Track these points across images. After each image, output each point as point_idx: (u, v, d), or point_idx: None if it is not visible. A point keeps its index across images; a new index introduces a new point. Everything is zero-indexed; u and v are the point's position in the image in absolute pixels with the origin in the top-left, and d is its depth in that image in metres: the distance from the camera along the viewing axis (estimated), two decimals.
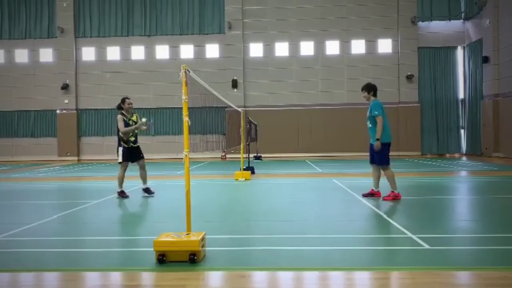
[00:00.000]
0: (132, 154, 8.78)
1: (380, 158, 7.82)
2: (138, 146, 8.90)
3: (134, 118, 8.92)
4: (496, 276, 3.69)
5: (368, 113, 7.87)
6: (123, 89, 25.60)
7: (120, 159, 8.68)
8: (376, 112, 7.69)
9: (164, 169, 16.14)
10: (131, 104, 8.93)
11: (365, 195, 8.19)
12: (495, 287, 3.48)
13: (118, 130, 8.68)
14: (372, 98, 7.97)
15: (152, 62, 25.84)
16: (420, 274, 3.76)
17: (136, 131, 8.83)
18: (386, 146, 7.78)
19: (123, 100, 8.92)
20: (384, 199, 7.80)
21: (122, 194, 8.77)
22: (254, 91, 25.28)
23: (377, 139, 7.66)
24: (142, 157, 8.93)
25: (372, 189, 8.18)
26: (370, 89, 8.01)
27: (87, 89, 26.02)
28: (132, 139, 8.77)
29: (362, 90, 8.10)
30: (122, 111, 8.79)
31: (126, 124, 8.68)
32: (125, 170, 8.81)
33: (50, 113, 26.18)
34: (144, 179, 8.97)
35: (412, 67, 24.60)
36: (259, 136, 21.92)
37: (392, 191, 7.82)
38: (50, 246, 5.14)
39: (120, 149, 8.68)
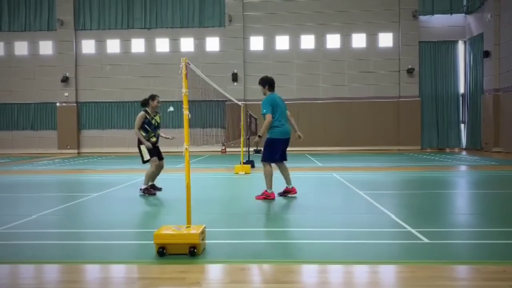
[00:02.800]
0: (157, 150, 8.32)
1: (263, 152, 7.50)
2: (158, 146, 8.45)
3: (157, 118, 8.38)
4: (495, 271, 3.70)
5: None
6: (123, 82, 25.60)
7: (146, 157, 8.17)
8: (265, 111, 7.26)
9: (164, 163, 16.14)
10: (160, 103, 8.31)
11: (280, 194, 7.74)
12: (494, 281, 3.49)
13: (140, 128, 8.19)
14: (268, 92, 7.49)
15: (152, 55, 25.77)
16: (419, 268, 3.77)
17: (155, 132, 8.33)
18: (274, 142, 7.41)
19: (153, 97, 8.24)
20: (256, 198, 7.50)
21: (148, 191, 8.21)
22: (254, 84, 24.98)
23: (259, 136, 7.36)
24: (163, 158, 8.49)
25: (286, 187, 7.73)
26: (265, 83, 7.47)
27: (87, 82, 25.98)
28: (154, 139, 8.29)
29: (259, 84, 7.63)
30: (147, 109, 8.23)
31: (148, 123, 8.17)
32: (156, 166, 8.26)
33: (50, 106, 26.16)
34: (154, 177, 8.56)
35: (413, 61, 24.54)
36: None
37: (266, 190, 7.47)
38: (50, 238, 5.16)
39: (143, 147, 8.15)
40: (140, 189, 8.34)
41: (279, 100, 7.52)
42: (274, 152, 7.46)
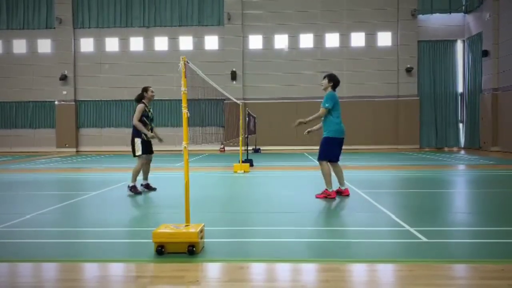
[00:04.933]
0: (148, 146, 8.31)
1: (319, 150, 7.61)
2: (150, 141, 8.42)
3: (151, 111, 8.44)
4: (492, 269, 3.71)
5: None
6: (122, 80, 25.56)
7: (139, 152, 8.13)
8: (327, 105, 7.40)
9: (163, 161, 16.14)
10: (154, 93, 8.40)
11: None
12: (492, 280, 3.50)
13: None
14: (330, 89, 7.64)
15: (151, 53, 25.73)
16: (417, 267, 3.78)
17: (151, 125, 8.34)
18: (331, 141, 7.52)
19: (146, 89, 8.33)
20: (316, 196, 7.52)
21: (134, 190, 8.15)
22: (253, 83, 25.21)
23: (301, 121, 7.63)
24: (152, 152, 8.49)
25: (339, 187, 7.73)
26: (333, 79, 7.61)
27: (85, 80, 25.93)
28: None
29: (324, 77, 7.76)
30: (144, 101, 8.24)
31: (146, 116, 8.19)
32: (143, 163, 8.21)
33: (48, 104, 26.12)
34: (146, 173, 8.54)
35: (411, 61, 24.55)
36: (258, 129, 21.91)
37: (326, 189, 7.51)
38: (49, 237, 5.16)
39: (139, 140, 8.12)
40: (128, 187, 8.28)
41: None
42: (331, 150, 7.56)
